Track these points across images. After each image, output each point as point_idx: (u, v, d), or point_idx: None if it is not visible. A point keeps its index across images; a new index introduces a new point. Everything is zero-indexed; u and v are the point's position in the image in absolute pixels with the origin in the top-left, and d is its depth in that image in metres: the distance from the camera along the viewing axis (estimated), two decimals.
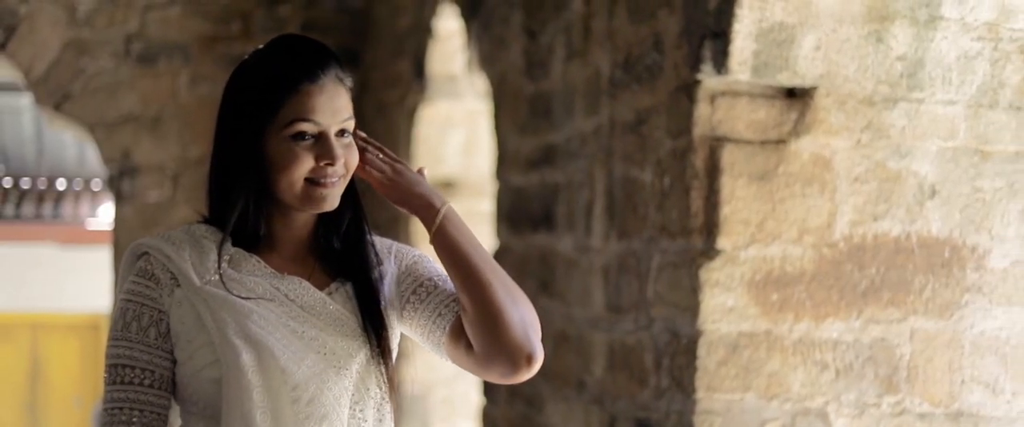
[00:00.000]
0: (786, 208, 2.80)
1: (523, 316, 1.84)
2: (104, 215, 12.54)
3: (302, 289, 1.89)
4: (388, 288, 1.94)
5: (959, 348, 2.85)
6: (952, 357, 2.85)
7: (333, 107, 1.85)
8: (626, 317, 3.21)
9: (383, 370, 1.90)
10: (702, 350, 2.77)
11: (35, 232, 13.00)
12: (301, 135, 1.84)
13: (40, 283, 13.07)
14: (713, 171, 2.80)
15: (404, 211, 1.94)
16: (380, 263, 1.95)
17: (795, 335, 2.80)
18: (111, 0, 6.66)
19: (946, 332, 2.85)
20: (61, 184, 13.36)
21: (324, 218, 1.94)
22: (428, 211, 1.89)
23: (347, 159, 1.87)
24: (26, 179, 13.34)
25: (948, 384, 2.85)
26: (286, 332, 1.85)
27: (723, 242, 2.78)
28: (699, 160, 2.81)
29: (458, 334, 1.88)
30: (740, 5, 2.70)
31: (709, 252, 2.79)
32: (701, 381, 2.77)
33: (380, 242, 1.98)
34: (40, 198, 13.31)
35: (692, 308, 2.80)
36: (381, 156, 1.94)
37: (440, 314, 1.90)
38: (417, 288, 1.93)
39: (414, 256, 1.98)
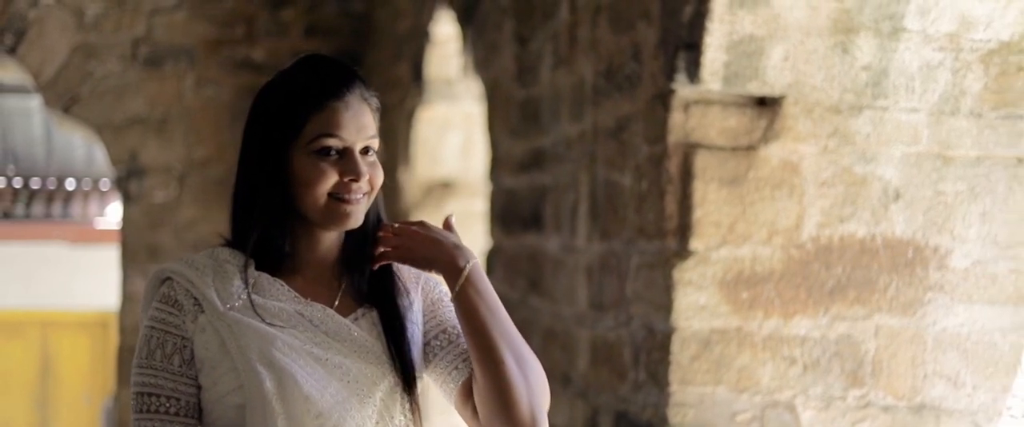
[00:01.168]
0: (756, 211, 2.91)
1: (531, 392, 1.84)
2: (112, 214, 12.64)
3: (326, 315, 1.87)
4: (416, 316, 1.94)
5: (922, 344, 2.96)
6: (915, 352, 2.96)
7: (358, 124, 1.86)
8: (607, 314, 3.33)
9: (408, 398, 1.90)
10: (676, 346, 2.89)
11: (45, 231, 13.08)
12: (326, 150, 1.84)
13: (50, 281, 13.16)
14: (686, 176, 2.91)
15: (433, 273, 1.92)
16: (408, 292, 1.95)
17: (764, 331, 2.92)
18: (118, 5, 6.77)
19: (910, 328, 2.96)
20: (70, 184, 13.44)
21: (350, 241, 1.93)
22: (450, 270, 1.88)
23: (372, 176, 1.87)
24: (36, 179, 13.42)
25: (911, 378, 2.96)
26: (310, 359, 1.83)
27: (696, 243, 2.90)
28: (673, 165, 2.93)
29: (468, 394, 1.90)
30: (711, 18, 2.80)
31: (682, 253, 2.91)
32: (675, 375, 2.89)
33: (408, 270, 1.96)
34: (50, 198, 13.38)
35: (666, 306, 2.92)
36: (395, 225, 1.93)
37: (456, 367, 1.92)
38: (439, 334, 1.94)
39: (440, 292, 1.97)
